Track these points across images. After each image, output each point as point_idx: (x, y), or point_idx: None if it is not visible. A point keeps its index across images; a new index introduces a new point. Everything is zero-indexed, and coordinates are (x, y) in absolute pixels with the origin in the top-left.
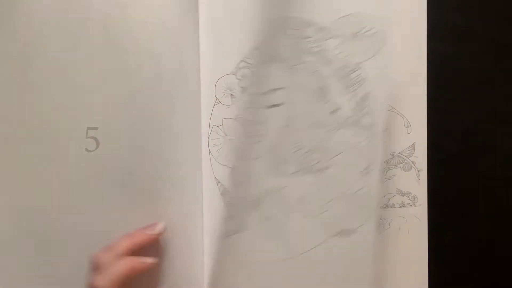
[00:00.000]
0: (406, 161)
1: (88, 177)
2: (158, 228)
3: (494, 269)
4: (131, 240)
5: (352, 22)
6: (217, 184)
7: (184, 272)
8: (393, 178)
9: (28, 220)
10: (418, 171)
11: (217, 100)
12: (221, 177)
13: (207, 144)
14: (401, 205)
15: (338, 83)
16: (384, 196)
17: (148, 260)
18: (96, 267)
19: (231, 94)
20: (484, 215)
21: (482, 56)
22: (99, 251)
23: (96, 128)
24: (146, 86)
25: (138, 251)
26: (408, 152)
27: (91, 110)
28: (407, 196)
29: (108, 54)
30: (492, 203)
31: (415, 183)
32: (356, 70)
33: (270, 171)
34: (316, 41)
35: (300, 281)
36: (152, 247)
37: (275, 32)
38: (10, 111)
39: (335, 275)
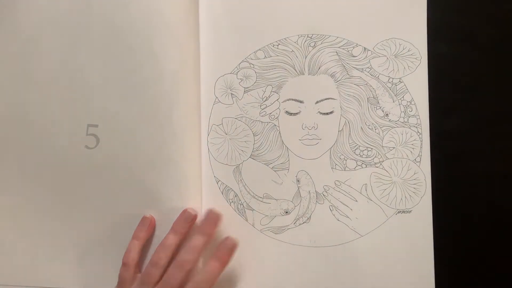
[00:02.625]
0: None
1: (88, 175)
2: (193, 212)
3: (492, 270)
4: (179, 237)
5: (391, 44)
6: (217, 183)
7: None
8: None
9: (28, 217)
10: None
11: (217, 99)
12: (221, 175)
13: (206, 143)
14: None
15: (385, 93)
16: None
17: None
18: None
19: (232, 94)
20: (482, 217)
21: (482, 57)
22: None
23: (96, 126)
24: (146, 84)
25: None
26: None
27: (91, 108)
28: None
29: (109, 52)
30: (491, 204)
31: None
32: (399, 83)
33: (334, 167)
34: (362, 59)
35: (365, 259)
36: None
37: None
38: (10, 108)
39: (396, 251)
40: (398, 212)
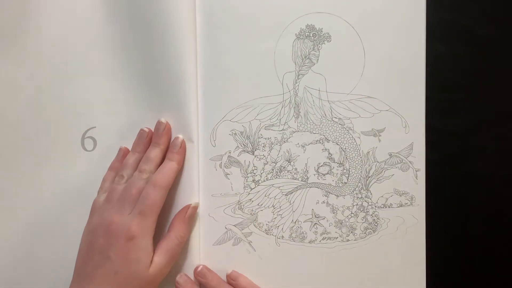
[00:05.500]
0: (404, 161)
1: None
2: (147, 129)
3: (492, 269)
4: (137, 155)
5: None
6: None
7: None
8: (391, 178)
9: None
10: (416, 171)
11: None
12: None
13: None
14: (399, 205)
15: None
16: (382, 196)
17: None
18: None
19: None
20: (481, 216)
21: (481, 56)
22: None
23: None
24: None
25: None
26: (406, 152)
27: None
28: (405, 196)
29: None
30: (490, 203)
31: (413, 183)
32: None
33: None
34: None
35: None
36: None
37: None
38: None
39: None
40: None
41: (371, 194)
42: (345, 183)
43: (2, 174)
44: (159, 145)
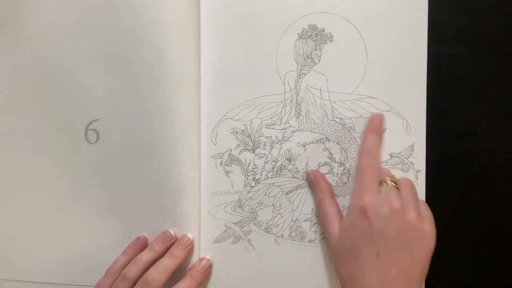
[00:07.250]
0: (404, 162)
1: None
2: (173, 233)
3: (492, 270)
4: (153, 255)
5: None
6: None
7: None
8: None
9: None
10: (417, 172)
11: None
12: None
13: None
14: None
15: None
16: None
17: None
18: None
19: None
20: (481, 216)
21: (482, 56)
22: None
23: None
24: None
25: None
26: (407, 153)
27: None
28: None
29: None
30: (490, 203)
31: None
32: None
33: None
34: None
35: None
36: None
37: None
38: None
39: None
40: None
41: None
42: (346, 183)
43: (5, 162)
44: (177, 258)
